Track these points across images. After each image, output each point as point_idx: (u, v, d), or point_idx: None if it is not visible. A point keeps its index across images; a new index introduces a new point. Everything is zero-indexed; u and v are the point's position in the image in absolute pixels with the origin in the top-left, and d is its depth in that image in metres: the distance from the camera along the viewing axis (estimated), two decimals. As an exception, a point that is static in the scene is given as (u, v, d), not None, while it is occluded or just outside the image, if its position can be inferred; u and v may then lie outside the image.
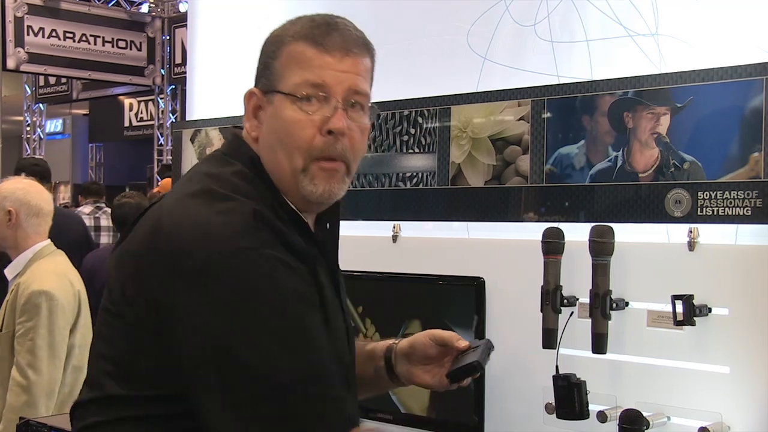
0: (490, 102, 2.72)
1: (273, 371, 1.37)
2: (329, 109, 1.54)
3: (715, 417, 2.20)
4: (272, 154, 1.58)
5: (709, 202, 2.28)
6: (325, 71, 1.54)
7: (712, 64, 2.30)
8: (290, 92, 1.54)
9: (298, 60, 1.55)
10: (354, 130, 1.57)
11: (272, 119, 1.57)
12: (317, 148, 1.54)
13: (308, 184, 1.55)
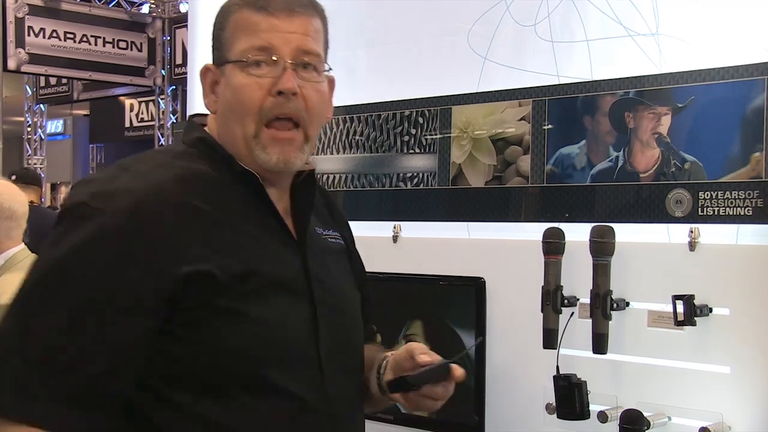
0: (491, 102, 2.72)
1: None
2: (278, 71, 1.52)
3: (715, 417, 2.20)
4: (227, 125, 1.56)
5: (710, 202, 2.28)
6: (271, 33, 1.52)
7: (713, 63, 2.30)
8: (238, 59, 1.53)
9: (243, 26, 1.54)
10: (308, 90, 1.54)
11: (225, 90, 1.56)
12: (267, 109, 1.52)
13: (261, 153, 1.52)
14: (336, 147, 3.09)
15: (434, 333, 2.74)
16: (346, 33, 3.16)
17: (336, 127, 3.10)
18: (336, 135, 3.09)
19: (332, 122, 3.10)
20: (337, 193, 3.06)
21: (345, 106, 3.08)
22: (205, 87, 1.62)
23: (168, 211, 1.43)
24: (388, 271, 2.82)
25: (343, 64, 3.15)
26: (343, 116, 3.08)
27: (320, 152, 3.13)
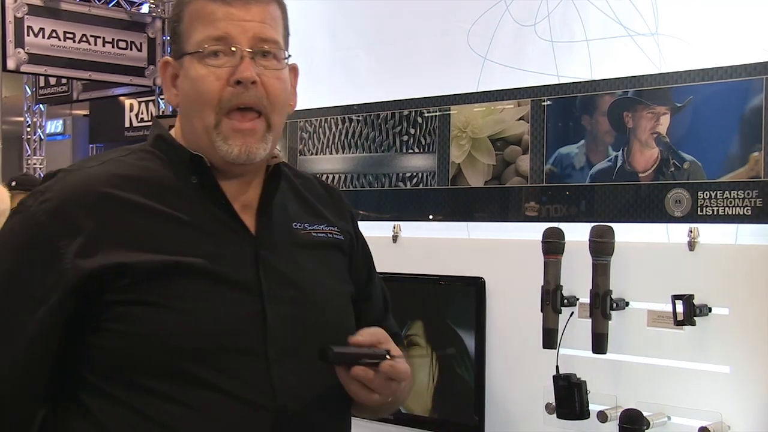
0: (490, 102, 2.72)
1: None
2: (236, 60, 1.50)
3: (715, 417, 2.21)
4: (188, 119, 1.56)
5: (709, 202, 2.28)
6: (227, 23, 1.50)
7: (712, 63, 2.30)
8: (195, 50, 1.51)
9: (200, 17, 1.52)
10: (268, 77, 1.52)
11: (184, 82, 1.55)
12: (226, 99, 1.50)
13: (222, 144, 1.50)
14: (335, 147, 3.09)
15: (434, 333, 2.74)
16: (345, 32, 3.17)
17: (335, 127, 3.10)
18: (335, 135, 3.10)
19: (331, 122, 3.10)
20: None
21: (344, 106, 3.08)
22: (165, 81, 1.60)
23: (89, 207, 1.46)
24: (387, 271, 2.82)
25: (343, 64, 3.16)
26: (343, 116, 3.08)
27: (320, 152, 3.13)
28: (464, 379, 2.66)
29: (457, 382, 2.67)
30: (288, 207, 1.64)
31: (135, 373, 1.43)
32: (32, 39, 10.17)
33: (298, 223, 1.64)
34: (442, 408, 2.70)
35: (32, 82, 13.01)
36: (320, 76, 3.22)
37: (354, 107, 3.06)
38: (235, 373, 1.45)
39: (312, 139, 3.16)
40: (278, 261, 1.56)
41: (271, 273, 1.53)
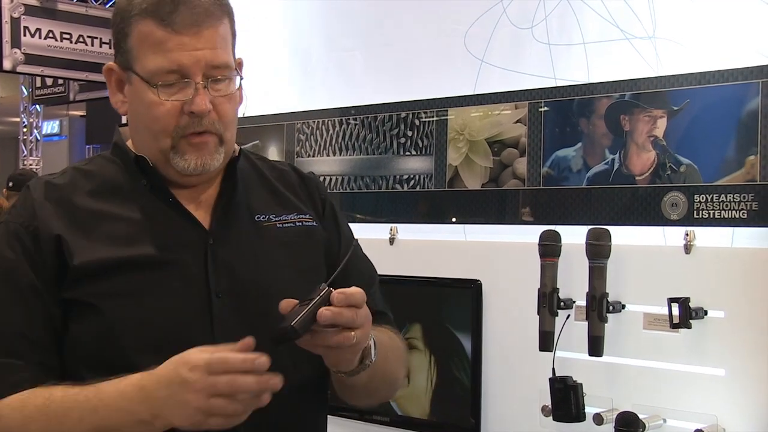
0: (488, 104, 2.72)
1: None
2: (190, 91, 1.52)
3: (710, 419, 2.21)
4: (139, 134, 1.60)
5: (706, 205, 2.29)
6: (179, 54, 1.50)
7: (708, 67, 2.31)
8: (147, 80, 1.52)
9: (149, 42, 1.51)
10: (220, 103, 1.55)
11: (134, 100, 1.57)
12: (182, 127, 1.53)
13: (180, 161, 1.54)
14: (332, 149, 3.09)
15: (431, 336, 2.74)
16: (342, 34, 3.17)
17: (332, 129, 3.10)
18: (332, 137, 3.10)
19: (328, 124, 3.11)
20: (333, 194, 3.06)
21: (341, 108, 3.08)
22: (111, 87, 1.62)
23: (49, 212, 1.54)
24: (384, 273, 2.82)
25: (340, 66, 3.16)
26: (340, 118, 3.08)
27: (317, 154, 3.14)
28: (461, 381, 2.66)
29: (454, 384, 2.67)
30: (252, 200, 1.66)
31: (90, 369, 1.48)
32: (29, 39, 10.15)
33: (261, 216, 1.66)
34: (438, 410, 2.70)
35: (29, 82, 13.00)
36: (317, 78, 3.23)
37: (351, 109, 3.06)
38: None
39: (309, 141, 3.16)
40: (231, 254, 1.58)
41: (222, 267, 1.56)
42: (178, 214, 1.58)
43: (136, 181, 1.59)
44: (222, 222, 1.60)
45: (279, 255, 1.63)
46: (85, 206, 1.55)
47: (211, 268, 1.55)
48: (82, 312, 1.50)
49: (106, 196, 1.57)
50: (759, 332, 2.17)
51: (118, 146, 1.64)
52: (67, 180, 1.60)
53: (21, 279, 1.50)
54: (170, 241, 1.55)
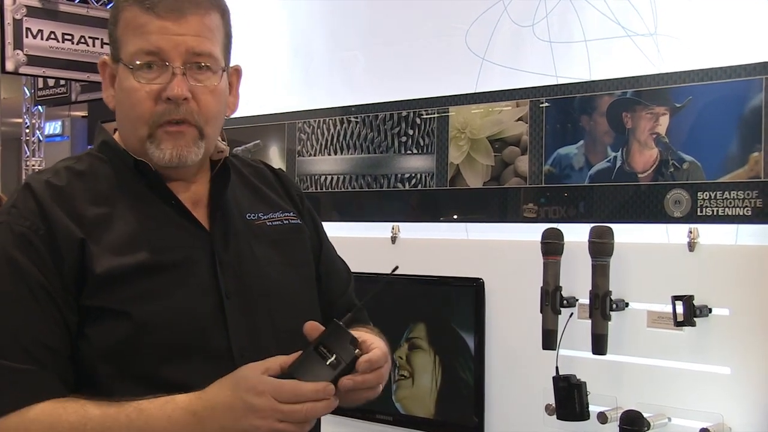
0: (489, 102, 2.71)
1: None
2: (167, 76, 1.50)
3: (716, 418, 2.20)
4: (122, 124, 1.58)
5: (709, 203, 2.27)
6: (159, 36, 1.49)
7: (711, 63, 2.29)
8: (127, 63, 1.50)
9: (132, 27, 1.50)
10: (201, 93, 1.52)
11: (119, 91, 1.55)
12: (158, 114, 1.51)
13: (155, 150, 1.52)
14: (334, 148, 3.08)
15: (434, 334, 2.73)
16: (343, 33, 3.16)
17: (333, 128, 3.09)
18: (333, 136, 3.08)
19: (329, 123, 3.09)
20: (334, 193, 3.05)
21: (342, 107, 3.07)
22: (104, 81, 1.60)
23: (60, 214, 1.48)
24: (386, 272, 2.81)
25: (341, 65, 3.15)
26: (341, 117, 3.07)
27: (318, 153, 3.12)
28: (464, 380, 2.65)
29: (457, 383, 2.66)
30: (240, 199, 1.66)
31: (107, 375, 1.45)
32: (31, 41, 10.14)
33: (251, 214, 1.65)
34: (441, 409, 2.69)
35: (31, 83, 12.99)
36: (318, 77, 3.23)
37: (352, 108, 3.05)
38: (203, 371, 1.44)
39: (310, 140, 3.15)
40: (232, 255, 1.57)
41: (227, 269, 1.55)
42: (180, 216, 1.56)
43: (132, 182, 1.56)
44: (220, 223, 1.59)
45: (273, 253, 1.64)
46: (88, 213, 1.51)
47: (219, 270, 1.54)
48: (104, 318, 1.45)
49: (107, 200, 1.53)
50: (765, 330, 2.16)
51: (108, 145, 1.61)
52: (65, 182, 1.54)
53: (36, 284, 1.45)
54: (177, 244, 1.53)
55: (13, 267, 1.45)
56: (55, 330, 1.45)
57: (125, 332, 1.45)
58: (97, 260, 1.46)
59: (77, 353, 1.46)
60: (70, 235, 1.46)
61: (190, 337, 1.48)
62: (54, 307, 1.45)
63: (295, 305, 1.63)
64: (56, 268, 1.45)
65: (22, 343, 1.43)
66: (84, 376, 1.46)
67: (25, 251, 1.46)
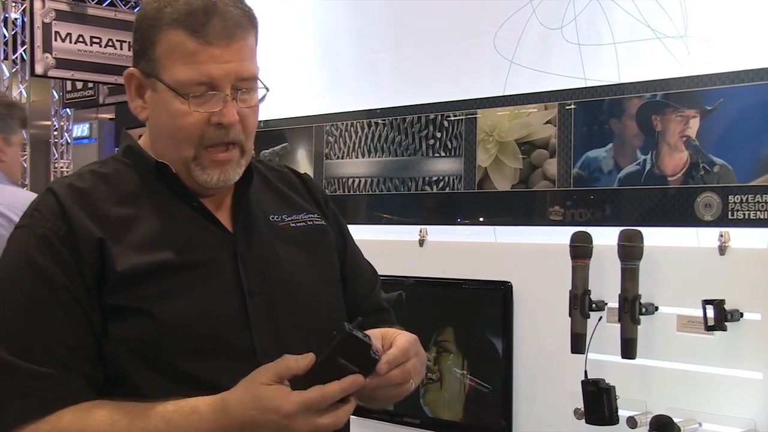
0: (517, 105, 2.70)
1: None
2: (218, 103, 1.50)
3: (748, 423, 2.18)
4: (160, 141, 1.58)
5: (740, 206, 2.25)
6: (209, 66, 1.48)
7: (742, 66, 2.27)
8: (176, 89, 1.50)
9: (179, 53, 1.49)
10: (246, 113, 1.54)
11: (158, 108, 1.55)
12: (208, 137, 1.52)
13: (201, 173, 1.53)
14: (361, 151, 3.08)
15: (462, 338, 2.72)
16: (371, 36, 3.16)
17: (361, 131, 3.09)
18: (361, 139, 3.09)
19: (357, 126, 3.10)
20: (362, 196, 3.05)
21: (370, 110, 3.07)
22: (130, 92, 1.60)
23: (81, 216, 1.49)
24: (414, 275, 2.81)
25: (368, 68, 3.15)
26: (368, 120, 3.07)
27: (346, 156, 3.13)
28: (492, 383, 2.64)
29: (485, 386, 2.65)
30: (263, 202, 1.67)
31: (135, 373, 1.46)
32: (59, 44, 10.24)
33: (275, 216, 1.67)
34: (469, 412, 2.68)
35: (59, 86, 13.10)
36: (345, 80, 3.23)
37: (379, 111, 3.05)
38: (227, 369, 1.45)
39: (338, 143, 3.15)
40: (256, 255, 1.59)
41: (250, 269, 1.56)
42: (203, 218, 1.58)
43: (156, 185, 1.58)
44: (243, 224, 1.61)
45: (297, 253, 1.65)
46: (111, 213, 1.52)
47: (242, 270, 1.55)
48: (127, 316, 1.46)
49: (131, 202, 1.55)
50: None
51: (133, 150, 1.62)
52: (89, 184, 1.56)
53: (58, 285, 1.46)
54: (200, 244, 1.55)
55: (36, 270, 1.47)
56: (80, 330, 1.46)
57: (148, 330, 1.46)
58: (118, 259, 1.47)
59: (102, 351, 1.47)
60: (89, 235, 1.48)
61: (213, 336, 1.49)
62: (77, 308, 1.46)
63: (319, 305, 1.64)
64: (77, 269, 1.47)
65: (47, 346, 1.44)
66: (112, 372, 1.48)
67: (46, 253, 1.47)
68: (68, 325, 1.45)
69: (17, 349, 1.43)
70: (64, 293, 1.45)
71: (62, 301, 1.45)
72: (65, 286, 1.46)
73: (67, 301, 1.45)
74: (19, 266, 1.49)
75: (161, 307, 1.47)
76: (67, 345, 1.44)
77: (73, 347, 1.45)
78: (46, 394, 1.42)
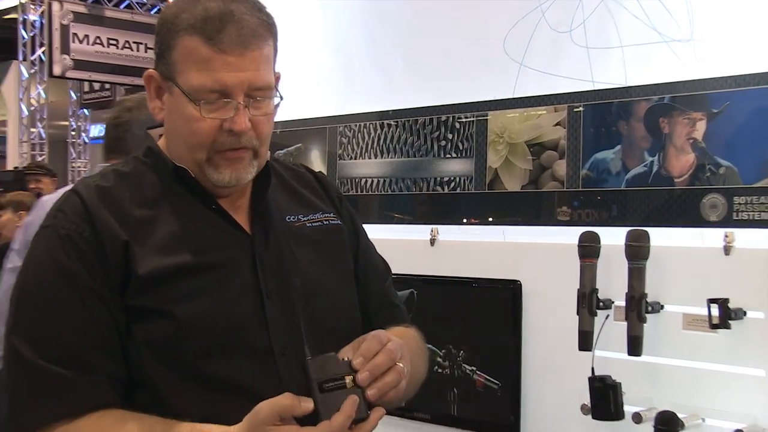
0: (527, 107, 2.72)
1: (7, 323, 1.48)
2: (231, 110, 1.50)
3: (750, 419, 2.20)
4: (175, 143, 1.59)
5: (745, 207, 2.27)
6: (222, 74, 1.48)
7: (748, 69, 2.29)
8: (188, 93, 1.50)
9: (194, 59, 1.49)
10: (259, 122, 1.54)
11: (173, 111, 1.56)
12: (220, 142, 1.52)
13: (214, 173, 1.54)
14: (374, 151, 3.11)
15: (472, 335, 2.75)
16: (384, 39, 3.18)
17: (374, 132, 3.11)
18: (374, 140, 3.11)
19: (370, 127, 3.12)
20: (374, 196, 3.08)
21: (382, 111, 3.10)
22: (150, 93, 1.61)
23: (106, 217, 1.50)
24: (425, 273, 2.84)
25: (381, 70, 3.17)
26: (381, 121, 3.09)
27: (358, 156, 3.15)
28: (501, 379, 2.66)
29: (494, 382, 2.67)
30: (280, 202, 1.68)
31: (156, 373, 1.47)
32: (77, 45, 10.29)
33: (291, 216, 1.67)
34: (479, 408, 2.70)
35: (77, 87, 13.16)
36: (358, 82, 3.25)
37: (391, 113, 3.07)
38: (245, 368, 1.47)
39: (351, 143, 3.18)
40: (273, 256, 1.59)
41: (268, 270, 1.57)
42: (222, 219, 1.59)
43: (176, 186, 1.59)
44: (260, 225, 1.62)
45: (313, 253, 1.66)
46: (135, 214, 1.53)
47: (260, 271, 1.56)
48: (149, 317, 1.47)
49: (152, 203, 1.56)
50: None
51: (153, 151, 1.64)
52: (112, 183, 1.57)
53: (83, 285, 1.46)
54: (219, 245, 1.56)
55: (61, 270, 1.47)
56: (105, 330, 1.46)
57: (169, 331, 1.46)
58: (140, 262, 1.48)
59: (125, 352, 1.48)
60: (115, 238, 1.49)
61: (232, 336, 1.50)
62: (103, 308, 1.46)
63: (335, 304, 1.65)
64: (102, 270, 1.47)
65: (72, 348, 1.44)
66: (133, 371, 1.48)
67: (71, 254, 1.47)
68: (94, 325, 1.45)
69: (43, 351, 1.43)
70: (89, 293, 1.46)
71: (87, 301, 1.46)
72: (90, 286, 1.46)
73: (92, 302, 1.46)
74: (44, 267, 1.49)
75: (181, 308, 1.47)
76: (93, 345, 1.45)
77: (98, 347, 1.45)
78: (69, 397, 1.42)
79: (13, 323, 1.48)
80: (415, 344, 1.70)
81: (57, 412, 1.42)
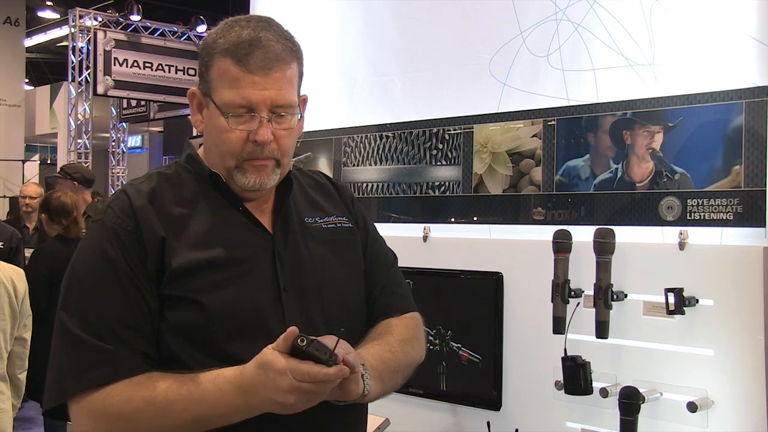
0: (508, 121, 2.73)
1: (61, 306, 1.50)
2: (255, 123, 1.54)
3: (701, 393, 2.20)
4: (210, 152, 1.63)
5: (697, 208, 2.28)
6: (249, 91, 1.52)
7: (699, 89, 2.30)
8: (219, 107, 1.55)
9: (226, 78, 1.54)
10: (281, 134, 1.57)
11: (209, 123, 1.60)
12: (246, 152, 1.56)
13: (241, 177, 1.57)
14: (373, 159, 3.11)
15: (460, 321, 2.75)
16: (382, 62, 3.19)
17: (374, 142, 3.12)
18: (373, 149, 3.11)
19: (370, 138, 3.12)
20: (374, 199, 3.08)
21: (381, 124, 3.10)
22: (193, 108, 1.65)
23: (149, 215, 1.54)
24: (418, 266, 2.84)
25: (381, 89, 3.18)
26: (380, 133, 3.10)
27: (360, 164, 3.15)
28: (485, 359, 2.67)
29: (479, 362, 2.68)
30: (299, 206, 1.70)
31: (184, 351, 1.49)
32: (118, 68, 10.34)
33: (309, 218, 1.70)
34: (466, 384, 2.71)
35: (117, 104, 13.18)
36: (361, 98, 3.25)
37: (389, 125, 3.08)
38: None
39: (354, 152, 3.18)
40: (291, 254, 1.61)
41: (286, 265, 1.59)
42: (248, 220, 1.61)
43: (210, 189, 1.61)
44: (282, 227, 1.64)
45: (327, 252, 1.67)
46: (174, 212, 1.56)
47: (279, 267, 1.58)
48: (180, 305, 1.50)
49: (189, 203, 1.59)
50: (744, 318, 2.16)
51: (193, 158, 1.66)
52: (155, 183, 1.60)
53: (123, 273, 1.49)
54: (244, 243, 1.58)
55: (105, 258, 1.50)
56: (137, 313, 1.48)
57: (197, 317, 1.49)
58: (174, 255, 1.50)
59: (159, 334, 1.50)
60: (154, 233, 1.51)
61: (252, 323, 1.52)
62: (138, 294, 1.49)
63: (345, 298, 1.67)
64: (140, 261, 1.50)
65: (112, 326, 1.47)
66: (165, 350, 1.50)
67: (115, 244, 1.50)
68: (129, 308, 1.48)
69: (89, 326, 1.46)
70: (127, 280, 1.48)
71: (125, 286, 1.48)
72: (129, 274, 1.49)
73: (130, 287, 1.48)
74: (93, 255, 1.52)
75: (209, 297, 1.49)
76: (128, 325, 1.47)
77: (132, 327, 1.47)
78: (109, 367, 1.45)
79: (63, 300, 1.51)
80: (394, 338, 1.68)
81: (98, 379, 1.44)
